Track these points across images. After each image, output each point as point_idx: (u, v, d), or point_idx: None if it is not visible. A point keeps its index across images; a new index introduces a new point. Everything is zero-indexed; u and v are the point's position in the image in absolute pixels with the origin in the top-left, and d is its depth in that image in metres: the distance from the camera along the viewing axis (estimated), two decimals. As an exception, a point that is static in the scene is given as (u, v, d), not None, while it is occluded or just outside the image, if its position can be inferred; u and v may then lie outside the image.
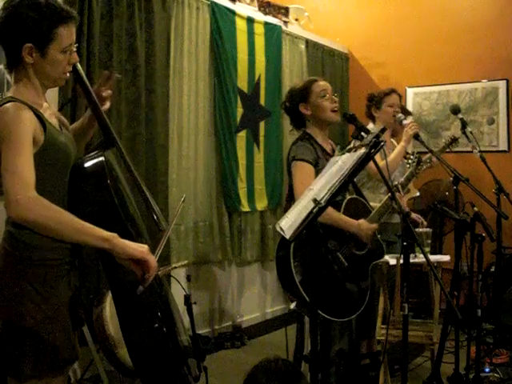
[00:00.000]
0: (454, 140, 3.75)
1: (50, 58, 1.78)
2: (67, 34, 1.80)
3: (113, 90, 2.09)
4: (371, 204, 2.96)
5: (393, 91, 3.78)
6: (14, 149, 1.66)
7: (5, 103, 1.73)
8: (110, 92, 2.06)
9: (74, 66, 1.92)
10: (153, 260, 1.77)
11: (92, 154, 1.92)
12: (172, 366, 1.94)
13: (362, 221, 2.75)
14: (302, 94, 2.89)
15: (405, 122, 3.62)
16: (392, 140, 3.89)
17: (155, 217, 2.09)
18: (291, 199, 2.83)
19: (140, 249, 1.75)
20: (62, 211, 1.68)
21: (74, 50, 1.85)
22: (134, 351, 1.89)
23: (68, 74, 1.87)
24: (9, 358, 1.78)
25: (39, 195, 1.64)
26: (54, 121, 1.88)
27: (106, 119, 2.02)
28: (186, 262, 3.74)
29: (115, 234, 1.71)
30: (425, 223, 3.71)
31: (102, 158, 1.88)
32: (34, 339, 1.77)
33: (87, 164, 1.88)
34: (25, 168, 1.65)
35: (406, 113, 4.11)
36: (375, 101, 3.78)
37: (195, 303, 2.54)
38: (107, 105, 2.05)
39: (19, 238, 1.79)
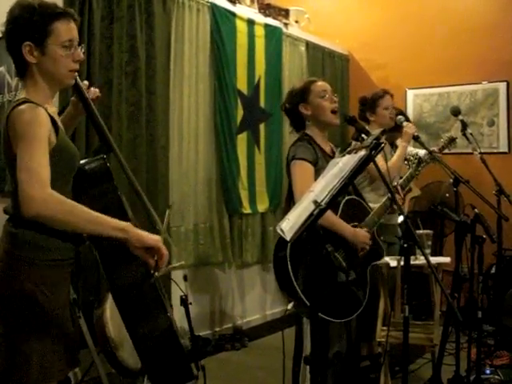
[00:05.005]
0: (453, 140, 3.72)
1: (50, 53, 1.80)
2: (65, 29, 1.81)
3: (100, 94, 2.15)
4: (372, 205, 2.95)
5: (385, 93, 3.72)
6: (30, 147, 1.68)
7: (19, 104, 1.75)
8: (96, 91, 2.09)
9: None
10: (165, 249, 1.80)
11: (96, 157, 2.04)
12: (180, 357, 1.99)
13: (358, 229, 2.70)
14: (301, 94, 2.87)
15: (405, 123, 3.61)
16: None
17: (154, 217, 2.20)
18: (290, 200, 2.82)
19: (154, 237, 1.78)
20: (76, 205, 1.71)
21: (79, 47, 1.86)
22: (143, 347, 1.92)
23: (76, 73, 1.90)
24: (14, 363, 1.75)
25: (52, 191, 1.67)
26: (61, 125, 1.92)
27: (103, 127, 2.09)
28: (183, 262, 3.73)
29: (129, 224, 1.75)
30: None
31: (105, 162, 2.01)
32: (40, 343, 1.76)
33: (93, 166, 2.00)
34: (41, 165, 1.67)
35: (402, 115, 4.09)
36: (369, 104, 3.74)
37: (191, 303, 2.56)
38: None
39: (23, 239, 1.78)
